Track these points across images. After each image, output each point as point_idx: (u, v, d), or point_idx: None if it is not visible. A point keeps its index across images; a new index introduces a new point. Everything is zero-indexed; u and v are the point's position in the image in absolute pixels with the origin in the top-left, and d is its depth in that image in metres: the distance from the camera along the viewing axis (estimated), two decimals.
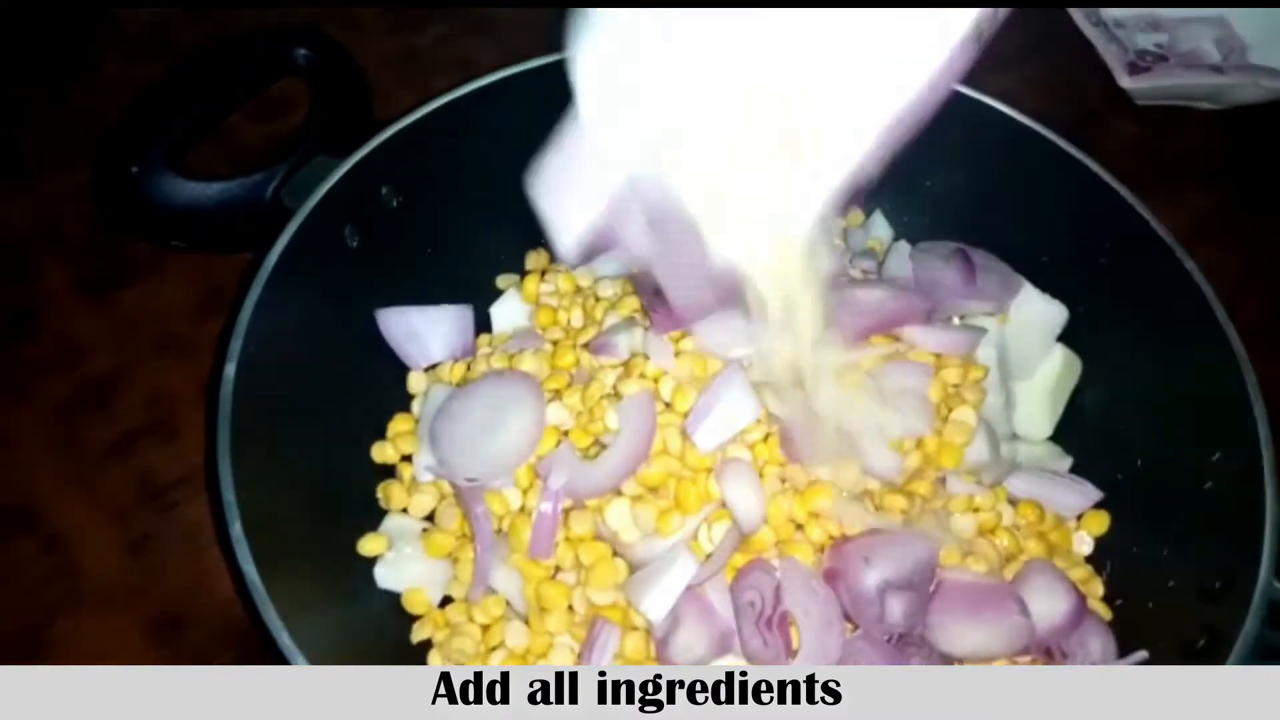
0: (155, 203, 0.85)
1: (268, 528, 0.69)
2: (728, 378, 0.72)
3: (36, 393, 0.96)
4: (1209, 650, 0.67)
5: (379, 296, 0.87)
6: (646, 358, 0.76)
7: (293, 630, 0.63)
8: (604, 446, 0.75)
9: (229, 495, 0.67)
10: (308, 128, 0.91)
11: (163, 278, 1.03)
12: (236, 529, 0.66)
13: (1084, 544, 0.81)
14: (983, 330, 0.82)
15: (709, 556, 0.72)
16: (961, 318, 0.85)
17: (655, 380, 0.75)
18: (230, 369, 0.72)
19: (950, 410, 0.77)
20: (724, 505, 0.72)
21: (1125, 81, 1.12)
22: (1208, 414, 0.78)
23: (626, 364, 0.77)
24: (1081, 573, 0.78)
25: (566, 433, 0.77)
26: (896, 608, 0.69)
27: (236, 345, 0.73)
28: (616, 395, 0.76)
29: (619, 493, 0.74)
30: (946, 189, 0.95)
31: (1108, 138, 1.11)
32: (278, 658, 0.63)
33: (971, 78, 0.92)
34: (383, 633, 0.77)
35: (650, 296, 0.75)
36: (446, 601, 0.79)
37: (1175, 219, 0.84)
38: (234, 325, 0.74)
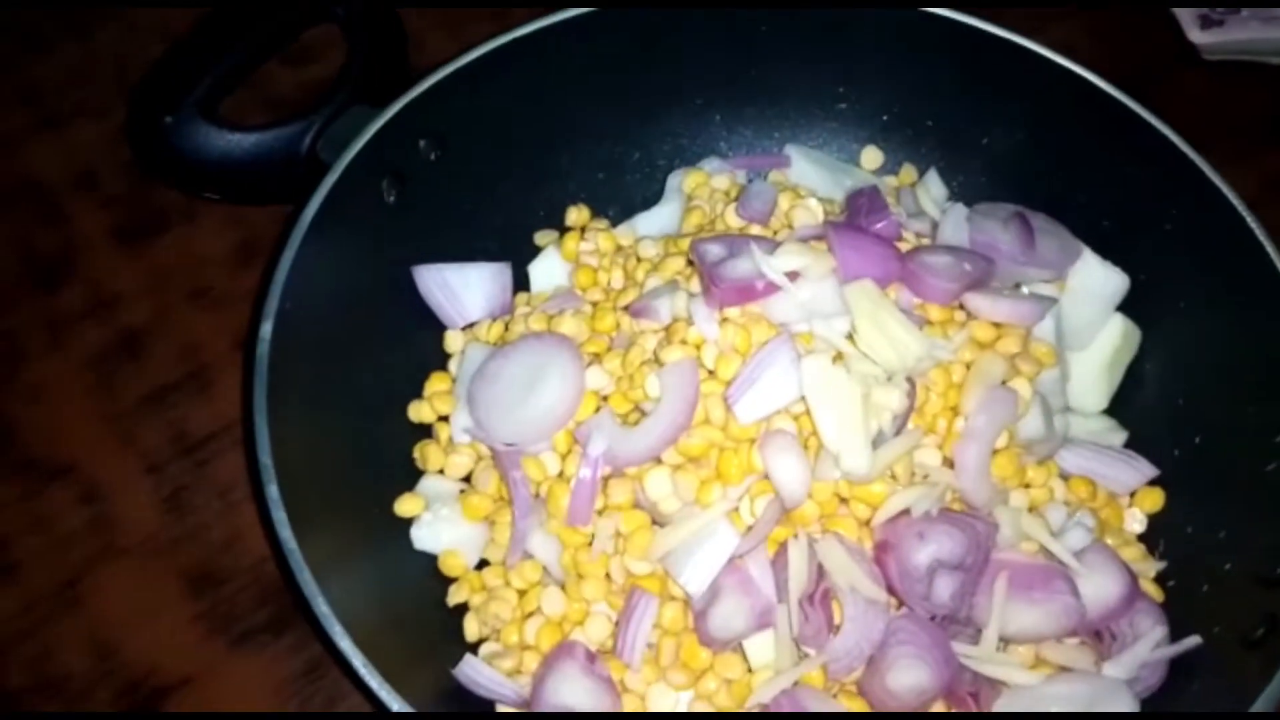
0: (189, 153, 0.83)
1: (303, 489, 0.68)
2: (776, 348, 0.69)
3: (71, 342, 0.96)
4: (1268, 640, 0.65)
5: (416, 253, 0.85)
6: (689, 323, 0.74)
7: (328, 595, 0.63)
8: (644, 413, 0.74)
9: (265, 458, 0.66)
10: (343, 77, 0.88)
11: (197, 226, 1.02)
12: (273, 492, 0.65)
13: (1136, 522, 0.79)
14: (1052, 300, 0.78)
15: (750, 529, 0.70)
16: (1016, 285, 0.82)
17: (698, 347, 0.73)
18: (267, 328, 0.70)
19: None
20: (766, 477, 0.70)
21: (1195, 35, 1.06)
22: (1273, 391, 0.75)
23: (668, 329, 0.75)
24: (1134, 552, 0.76)
25: (606, 398, 0.76)
26: (944, 588, 0.67)
27: (273, 303, 0.72)
28: (657, 361, 0.74)
29: (659, 461, 0.72)
30: (1004, 147, 0.91)
31: (1174, 94, 1.06)
32: (312, 620, 0.62)
33: (1031, 27, 0.89)
34: (419, 595, 0.76)
35: (709, 267, 0.73)
36: (483, 565, 0.78)
37: (1244, 181, 0.80)
38: (270, 282, 0.73)
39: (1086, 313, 0.83)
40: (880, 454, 0.68)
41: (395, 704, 0.60)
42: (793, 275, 0.73)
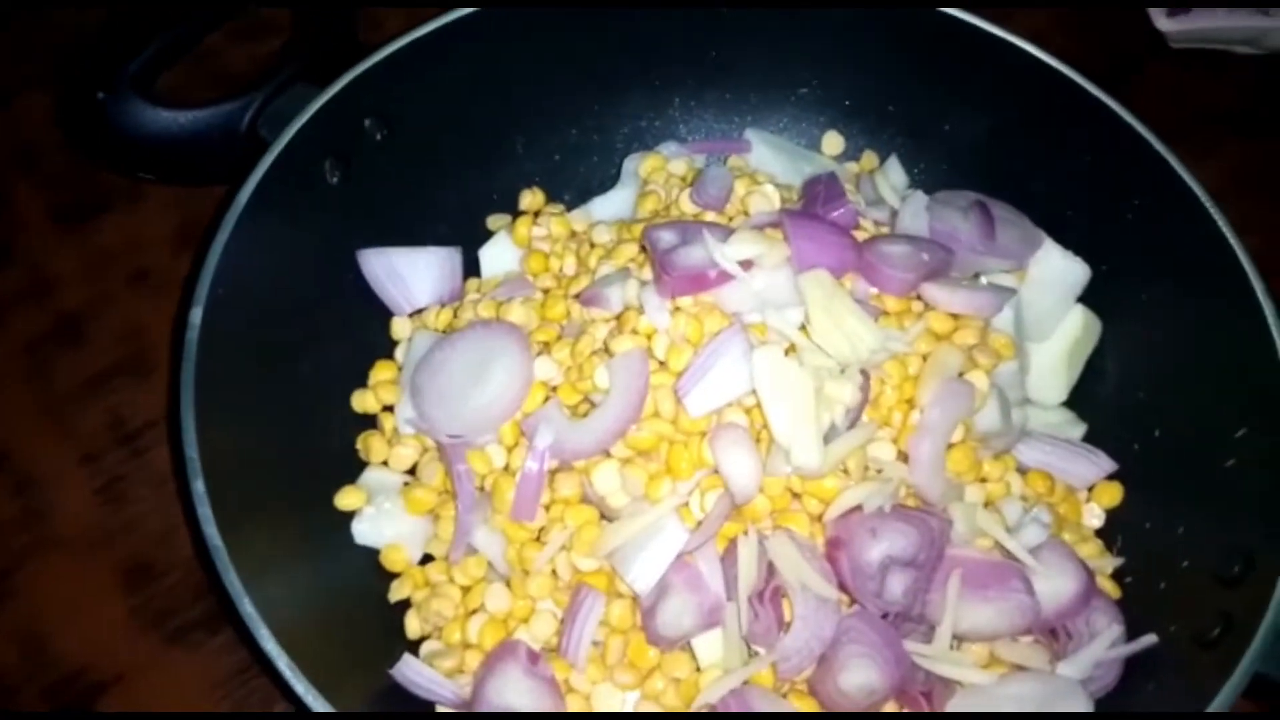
0: (123, 131, 0.80)
1: (234, 483, 0.66)
2: (728, 339, 0.67)
3: (8, 326, 0.93)
4: (1224, 640, 0.64)
5: (361, 236, 0.82)
6: (641, 312, 0.72)
7: (256, 596, 0.60)
8: (593, 405, 0.71)
9: (191, 452, 0.63)
10: (288, 52, 0.85)
11: (140, 207, 0.98)
12: (199, 487, 0.62)
13: (1094, 517, 0.78)
14: (1011, 291, 0.77)
15: (699, 525, 0.68)
16: (976, 275, 0.80)
17: (649, 337, 0.71)
18: (196, 314, 0.68)
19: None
20: (716, 471, 0.68)
21: (1163, 23, 1.05)
22: (1234, 385, 0.73)
23: (619, 318, 0.73)
24: (1091, 548, 0.74)
25: (555, 389, 0.73)
26: (897, 585, 0.66)
27: (203, 289, 0.69)
28: (608, 351, 0.72)
29: (608, 454, 0.70)
30: (967, 134, 0.89)
31: (1141, 83, 1.05)
32: (238, 621, 0.60)
33: (998, 14, 0.87)
34: (359, 591, 0.73)
35: (660, 255, 0.70)
36: (427, 560, 0.76)
37: (1209, 172, 0.78)
38: (201, 266, 0.70)
39: (1047, 303, 0.82)
40: (832, 449, 0.66)
41: (319, 705, 0.57)
42: (746, 264, 0.70)
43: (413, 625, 0.72)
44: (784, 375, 0.66)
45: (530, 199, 0.88)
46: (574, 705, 0.68)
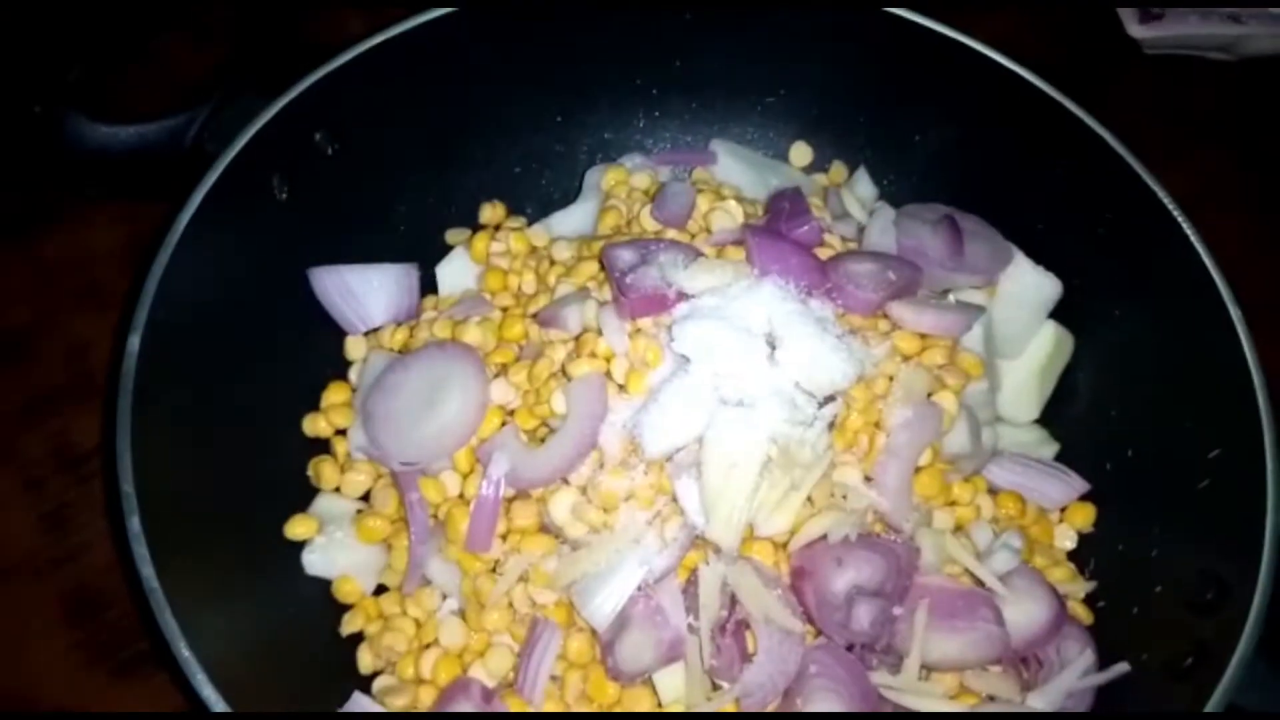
0: (61, 147, 0.76)
1: (177, 515, 0.63)
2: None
3: None
4: (1196, 671, 0.62)
5: (313, 254, 0.79)
6: (599, 334, 0.69)
7: (194, 637, 0.58)
8: (552, 430, 0.69)
9: (127, 486, 0.60)
10: (235, 62, 0.82)
11: (87, 221, 0.95)
12: (134, 525, 0.59)
13: (1067, 538, 0.76)
14: (979, 309, 0.75)
15: (660, 555, 0.66)
16: (945, 291, 0.78)
17: (608, 360, 0.68)
18: (134, 341, 0.65)
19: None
20: (677, 500, 0.65)
21: (1135, 30, 1.03)
22: (1207, 404, 0.72)
23: (578, 340, 0.71)
24: (1063, 572, 0.73)
25: (512, 413, 0.71)
26: (864, 615, 0.64)
27: (143, 313, 0.66)
28: (566, 375, 0.69)
29: (566, 482, 0.68)
30: (936, 145, 0.87)
31: (1112, 91, 1.03)
32: (174, 668, 0.57)
33: (968, 21, 0.85)
34: (310, 625, 0.71)
35: (619, 276, 0.68)
36: (381, 590, 0.73)
37: (1181, 181, 0.77)
38: (140, 290, 0.67)
39: (1018, 319, 0.80)
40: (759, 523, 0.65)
41: None
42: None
43: (365, 660, 0.70)
44: (735, 439, 0.64)
45: (490, 212, 0.86)
46: None
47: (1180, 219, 0.74)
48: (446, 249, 0.85)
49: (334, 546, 0.72)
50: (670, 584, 0.66)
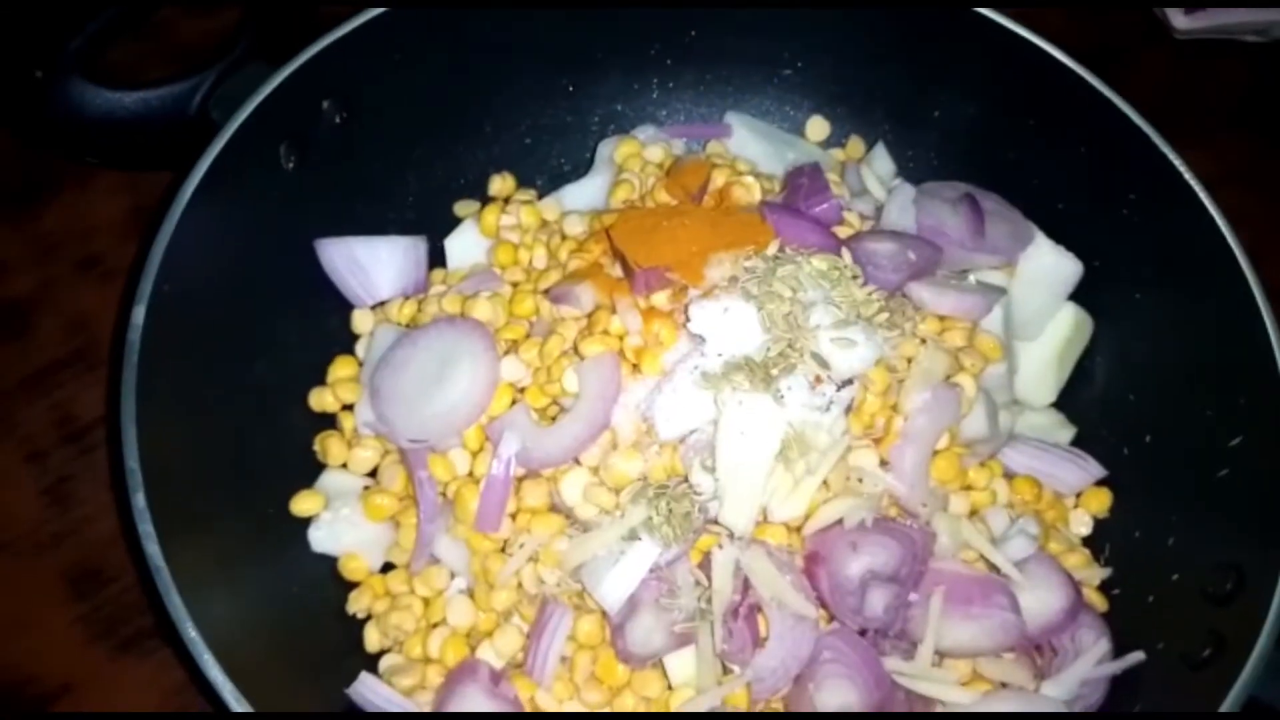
0: (63, 114, 0.74)
1: (182, 492, 0.62)
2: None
3: None
4: (1214, 662, 0.61)
5: (319, 225, 0.78)
6: (612, 311, 0.68)
7: (200, 616, 0.57)
8: (563, 409, 0.68)
9: (133, 462, 0.59)
10: (242, 28, 0.80)
11: (89, 189, 0.93)
12: (139, 501, 0.58)
13: (1082, 524, 0.75)
14: (1000, 291, 0.73)
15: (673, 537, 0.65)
16: (964, 271, 0.77)
17: (620, 339, 0.67)
18: (139, 313, 0.63)
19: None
20: (689, 482, 0.64)
21: (1180, 21, 1.00)
22: (1229, 391, 0.71)
23: (590, 317, 0.69)
24: (1078, 558, 0.72)
25: (522, 391, 0.70)
26: (878, 601, 0.63)
27: (147, 285, 0.64)
28: (578, 353, 0.68)
29: (577, 462, 0.67)
30: (956, 121, 0.85)
31: (1140, 70, 1.01)
32: (179, 645, 0.56)
33: None
34: (316, 603, 0.70)
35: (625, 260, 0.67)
36: (388, 567, 0.72)
37: (1207, 162, 0.75)
38: (145, 260, 0.65)
39: (1037, 301, 0.79)
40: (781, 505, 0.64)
41: None
42: None
43: (372, 638, 0.69)
44: (753, 422, 0.62)
45: (500, 184, 0.84)
46: None
47: (1207, 201, 0.73)
48: (455, 221, 0.83)
49: (340, 523, 0.71)
50: (682, 567, 0.65)
